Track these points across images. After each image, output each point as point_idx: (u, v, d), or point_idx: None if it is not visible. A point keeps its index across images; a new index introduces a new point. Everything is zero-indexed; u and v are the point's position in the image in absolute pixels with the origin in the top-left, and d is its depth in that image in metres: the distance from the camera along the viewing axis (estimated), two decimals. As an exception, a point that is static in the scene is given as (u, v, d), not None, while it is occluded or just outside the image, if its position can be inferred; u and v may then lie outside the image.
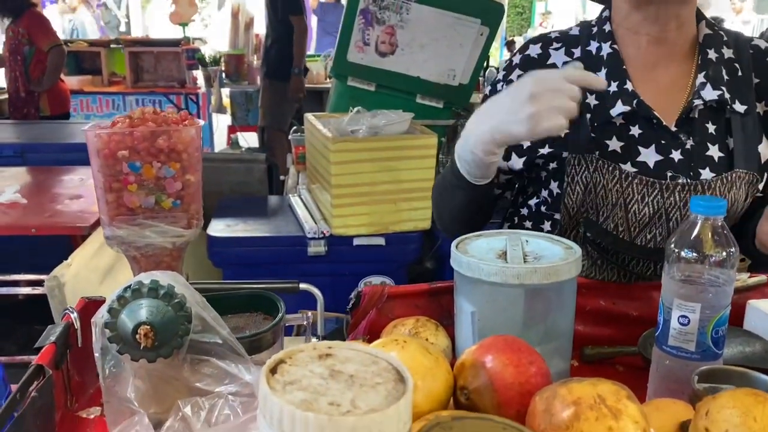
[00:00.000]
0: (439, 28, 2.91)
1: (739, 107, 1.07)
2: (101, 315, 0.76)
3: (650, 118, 1.05)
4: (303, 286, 1.09)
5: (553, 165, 1.11)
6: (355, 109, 2.55)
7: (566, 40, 1.15)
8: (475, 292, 0.87)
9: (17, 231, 2.25)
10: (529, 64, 1.13)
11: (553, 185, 1.12)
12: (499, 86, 1.18)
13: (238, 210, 2.73)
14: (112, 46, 5.83)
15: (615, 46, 1.09)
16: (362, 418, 0.46)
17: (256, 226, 2.58)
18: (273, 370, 0.52)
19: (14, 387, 0.67)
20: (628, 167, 1.05)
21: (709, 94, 1.05)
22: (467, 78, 3.05)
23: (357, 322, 0.99)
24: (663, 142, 1.06)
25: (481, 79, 4.66)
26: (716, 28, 1.12)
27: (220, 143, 5.88)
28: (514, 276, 0.83)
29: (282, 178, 3.42)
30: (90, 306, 0.89)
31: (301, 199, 2.77)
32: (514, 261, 0.87)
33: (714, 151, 1.06)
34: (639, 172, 1.04)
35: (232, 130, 5.49)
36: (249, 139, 5.45)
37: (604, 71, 1.08)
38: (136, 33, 10.20)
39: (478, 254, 0.88)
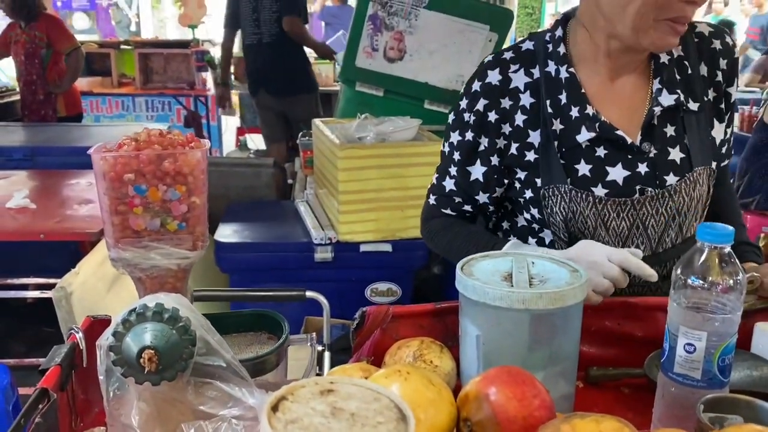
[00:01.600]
0: (447, 34, 2.91)
1: (693, 106, 1.11)
2: (106, 338, 0.76)
3: (614, 138, 1.08)
4: (309, 294, 1.09)
5: (528, 193, 1.14)
6: (363, 115, 2.55)
7: (522, 58, 1.14)
8: (480, 315, 0.86)
9: (26, 237, 2.27)
10: (492, 91, 1.12)
11: (533, 210, 1.15)
12: (465, 116, 1.15)
13: (246, 215, 2.74)
14: (122, 47, 5.86)
15: (571, 69, 1.10)
16: (363, 461, 0.46)
17: (263, 231, 2.58)
18: (275, 408, 0.52)
19: (21, 391, 0.67)
20: (599, 190, 1.09)
21: (666, 99, 1.09)
22: (475, 84, 3.04)
23: (361, 342, 0.99)
24: (629, 157, 1.09)
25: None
26: None
27: (229, 145, 5.90)
28: (519, 301, 0.82)
29: (290, 181, 3.42)
30: (96, 325, 0.89)
31: (309, 205, 2.77)
32: (520, 285, 0.86)
33: (675, 154, 1.10)
34: (609, 194, 1.08)
35: (240, 132, 5.50)
36: (257, 141, 5.46)
37: (564, 95, 1.10)
38: (146, 32, 10.25)
39: (483, 277, 0.88)
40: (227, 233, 2.51)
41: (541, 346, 0.87)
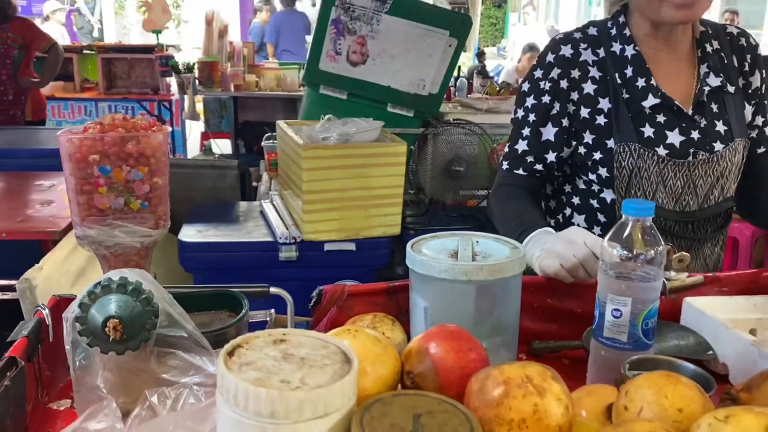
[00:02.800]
0: (409, 39, 2.98)
1: (730, 89, 1.32)
2: (72, 310, 0.80)
3: (672, 106, 1.27)
4: (273, 290, 1.14)
5: (597, 154, 1.29)
6: (327, 116, 2.60)
7: (589, 39, 1.33)
8: (428, 288, 0.93)
9: (-13, 236, 2.26)
10: (563, 62, 1.32)
11: (602, 170, 1.30)
12: (540, 84, 1.33)
13: (210, 216, 2.76)
14: (84, 52, 5.81)
15: (637, 48, 1.29)
16: (309, 392, 0.52)
17: (227, 231, 2.61)
18: (230, 353, 0.57)
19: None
20: (661, 150, 1.26)
21: (713, 81, 1.30)
22: (437, 88, 3.12)
23: (318, 319, 1.05)
24: (683, 125, 1.28)
25: (452, 87, 4.75)
26: (704, 23, 1.33)
27: (194, 150, 5.88)
28: (462, 273, 0.89)
29: (255, 184, 3.45)
30: (61, 303, 0.93)
31: (273, 205, 2.81)
32: (464, 259, 0.93)
33: (720, 126, 1.29)
34: (669, 154, 1.26)
35: (205, 136, 5.50)
36: (222, 146, 5.47)
37: (630, 69, 1.29)
38: (109, 38, 10.15)
39: (431, 253, 0.95)
40: (191, 233, 2.53)
41: (485, 317, 0.93)
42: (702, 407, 0.64)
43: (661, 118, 1.27)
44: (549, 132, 1.33)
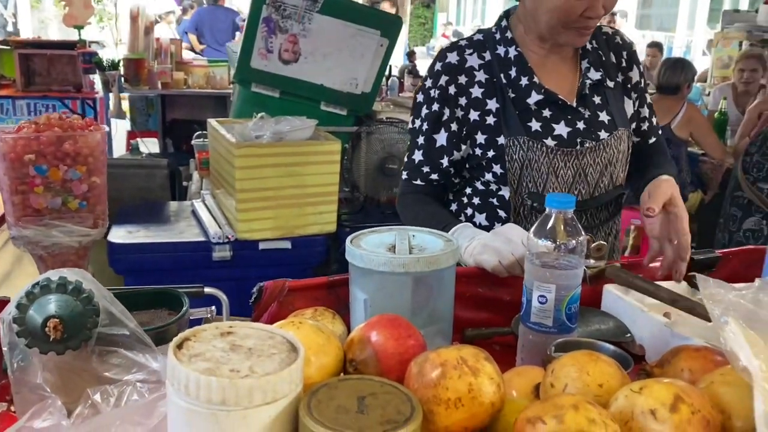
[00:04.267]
0: (340, 38, 3.01)
1: (610, 83, 1.41)
2: (9, 311, 0.79)
3: (556, 101, 1.34)
4: (208, 290, 1.15)
5: (491, 152, 1.35)
6: (259, 115, 2.59)
7: (474, 45, 1.40)
8: (367, 281, 0.96)
9: None
10: (450, 69, 1.37)
11: (496, 168, 1.35)
12: (431, 92, 1.39)
13: (140, 216, 2.70)
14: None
15: (519, 49, 1.37)
16: (258, 380, 0.54)
17: (158, 232, 2.57)
18: (179, 346, 0.59)
19: None
20: (549, 141, 1.32)
21: (594, 75, 1.38)
22: (369, 87, 3.16)
23: (259, 315, 1.06)
24: (569, 117, 1.35)
25: (383, 87, 4.81)
26: None
27: (120, 149, 5.71)
28: (400, 265, 0.93)
29: (185, 183, 3.40)
30: (-6, 306, 0.91)
31: (205, 205, 2.78)
32: (401, 252, 0.97)
33: (603, 117, 1.38)
34: (558, 144, 1.32)
35: (132, 135, 5.34)
36: (150, 145, 5.34)
37: (514, 69, 1.36)
38: (26, 33, 9.68)
39: (369, 247, 0.98)
40: (121, 234, 2.47)
41: (421, 307, 0.98)
42: (620, 382, 0.70)
43: (547, 113, 1.34)
44: (441, 138, 1.38)
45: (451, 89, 1.36)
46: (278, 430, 0.56)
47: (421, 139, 1.41)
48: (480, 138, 1.36)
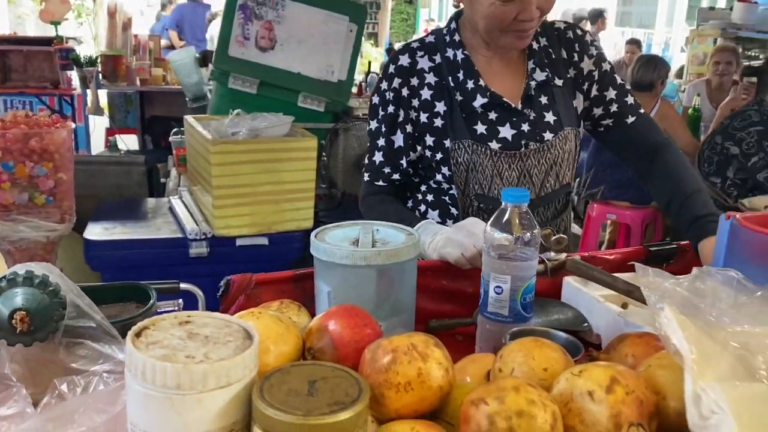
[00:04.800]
0: (312, 24, 3.04)
1: (558, 82, 1.41)
2: (-24, 305, 0.81)
3: (501, 103, 1.36)
4: (184, 285, 1.17)
5: (438, 154, 1.38)
6: (236, 111, 2.61)
7: (426, 47, 1.42)
8: (331, 274, 0.99)
9: None
10: (403, 71, 1.40)
11: (444, 170, 1.39)
12: (387, 95, 1.41)
13: (117, 213, 2.71)
14: (-25, 43, 5.47)
15: (466, 52, 1.39)
16: (213, 365, 0.57)
17: (135, 228, 2.57)
18: (138, 335, 0.61)
19: None
20: (494, 144, 1.35)
21: (539, 75, 1.39)
22: (344, 74, 3.18)
23: (227, 309, 1.09)
24: (514, 119, 1.37)
25: (362, 83, 4.83)
26: None
27: (98, 146, 5.68)
28: (362, 258, 0.96)
29: (163, 180, 3.40)
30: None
31: (183, 201, 2.79)
32: (364, 246, 1.00)
33: (549, 117, 1.39)
34: (502, 147, 1.35)
35: (110, 132, 5.32)
36: (128, 142, 5.31)
37: (461, 72, 1.38)
38: (2, 29, 9.55)
39: (333, 242, 1.01)
40: (97, 231, 2.48)
41: (384, 299, 1.01)
42: (564, 366, 0.74)
43: (492, 116, 1.36)
44: (399, 139, 1.42)
45: (404, 91, 1.39)
46: (232, 413, 0.58)
47: (380, 141, 1.44)
48: (429, 140, 1.39)
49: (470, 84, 1.37)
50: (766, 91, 2.65)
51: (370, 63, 5.68)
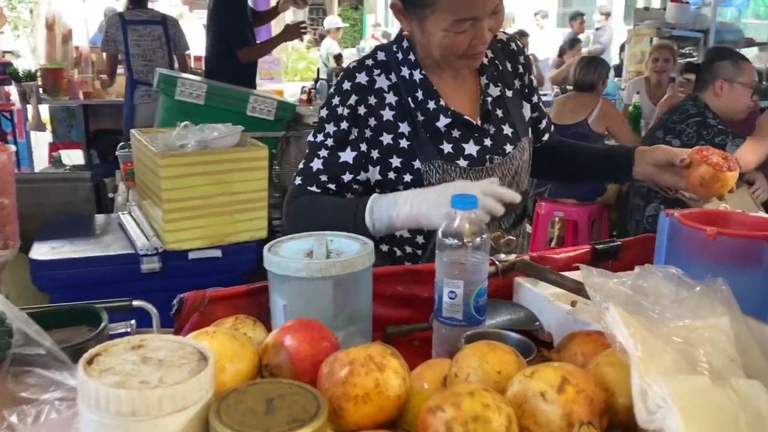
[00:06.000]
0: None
1: (509, 93, 1.45)
2: None
3: (463, 122, 1.38)
4: (136, 303, 1.15)
5: (407, 176, 1.36)
6: (183, 123, 2.58)
7: (381, 66, 1.39)
8: (286, 287, 0.99)
9: None
10: (360, 90, 1.36)
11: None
12: (339, 110, 1.36)
13: (64, 231, 2.63)
14: None
15: (423, 72, 1.38)
16: (167, 389, 0.57)
17: (84, 246, 2.50)
18: (89, 362, 0.61)
19: None
20: (461, 162, 1.36)
21: (493, 91, 1.42)
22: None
23: (181, 327, 1.08)
24: (476, 135, 1.39)
25: (312, 90, 4.83)
26: None
27: (41, 162, 5.51)
28: (317, 270, 0.96)
29: (111, 195, 3.32)
30: None
31: (132, 217, 2.73)
32: (319, 258, 1.00)
33: (507, 130, 1.42)
34: (470, 164, 1.37)
35: (54, 147, 5.17)
36: (74, 157, 5.17)
37: (420, 92, 1.37)
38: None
39: (287, 254, 1.01)
40: (44, 251, 2.40)
41: (341, 309, 1.01)
42: (517, 368, 0.76)
43: (456, 134, 1.37)
44: (347, 155, 1.36)
45: (361, 109, 1.35)
46: (190, 436, 0.58)
47: (323, 152, 1.37)
48: (395, 162, 1.36)
49: (431, 104, 1.36)
50: (701, 88, 2.76)
51: (318, 69, 5.67)
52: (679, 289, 0.78)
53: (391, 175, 1.37)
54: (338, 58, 6.16)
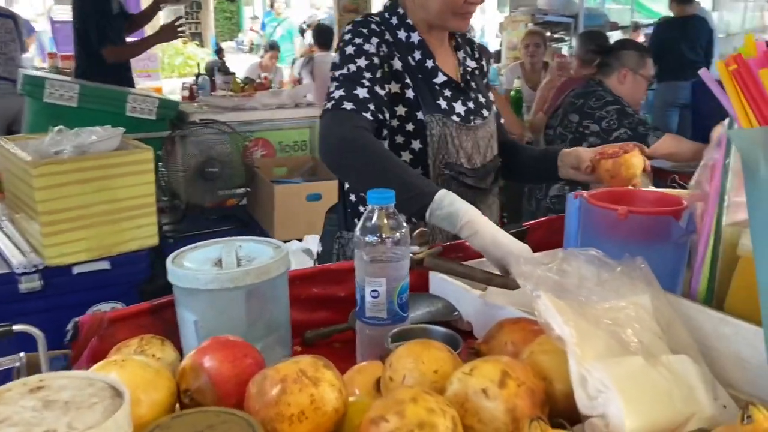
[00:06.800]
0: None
1: (476, 71, 1.58)
2: None
3: (453, 83, 1.48)
4: (18, 327, 1.03)
5: (410, 125, 1.42)
6: (56, 128, 2.37)
7: (383, 24, 1.46)
8: (195, 301, 0.92)
9: None
10: (378, 35, 1.42)
11: (415, 143, 1.43)
12: (366, 47, 1.39)
13: None
14: None
15: (421, 35, 1.47)
16: (80, 437, 0.49)
17: (-52, 270, 2.25)
18: (-21, 415, 0.52)
19: None
20: (454, 118, 1.46)
21: (470, 64, 1.57)
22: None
23: (79, 354, 0.97)
24: (463, 97, 1.50)
25: (194, 86, 4.62)
26: None
27: None
28: (229, 280, 0.90)
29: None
30: None
31: (4, 233, 2.49)
32: (229, 266, 0.94)
33: (482, 99, 1.55)
34: (461, 121, 1.46)
35: None
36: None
37: (418, 53, 1.46)
38: None
39: (194, 265, 0.94)
40: None
41: (257, 319, 0.95)
42: (453, 365, 0.74)
43: (447, 93, 1.48)
44: (381, 91, 1.36)
45: (382, 50, 1.41)
46: (110, 486, 0.51)
47: (366, 81, 1.34)
48: (400, 110, 1.42)
49: (429, 63, 1.46)
50: (605, 73, 2.83)
51: (198, 64, 5.45)
52: (601, 270, 0.79)
53: (394, 122, 1.42)
54: (220, 51, 5.94)
